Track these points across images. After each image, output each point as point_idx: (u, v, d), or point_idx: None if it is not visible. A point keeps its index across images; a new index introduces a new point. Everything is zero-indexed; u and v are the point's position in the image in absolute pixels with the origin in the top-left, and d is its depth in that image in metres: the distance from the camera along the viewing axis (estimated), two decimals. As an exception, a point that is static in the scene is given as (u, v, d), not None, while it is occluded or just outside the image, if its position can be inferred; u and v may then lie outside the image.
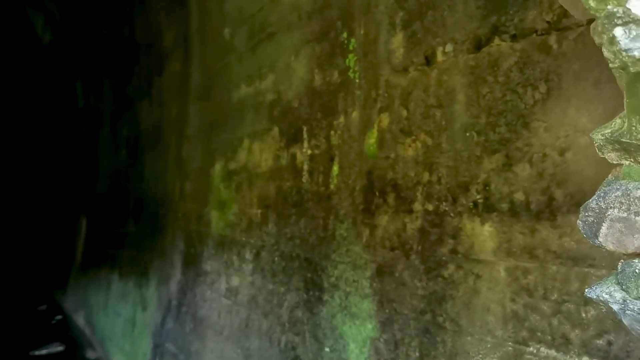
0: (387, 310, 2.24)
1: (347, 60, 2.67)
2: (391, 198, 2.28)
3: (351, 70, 2.63)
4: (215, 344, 3.76)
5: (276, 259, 3.14)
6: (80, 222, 10.35)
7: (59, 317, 9.72)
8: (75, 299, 9.46)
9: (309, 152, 2.93)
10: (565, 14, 1.60)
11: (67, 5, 9.83)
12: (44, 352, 7.34)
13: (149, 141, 6.51)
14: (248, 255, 3.50)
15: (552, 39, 1.66)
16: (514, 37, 1.79)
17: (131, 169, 7.26)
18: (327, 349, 2.58)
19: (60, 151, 14.79)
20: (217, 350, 3.71)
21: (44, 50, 12.61)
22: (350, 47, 2.66)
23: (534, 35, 1.71)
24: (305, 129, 2.99)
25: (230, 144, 3.96)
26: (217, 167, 4.17)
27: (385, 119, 2.36)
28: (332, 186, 2.71)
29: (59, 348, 7.55)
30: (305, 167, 2.95)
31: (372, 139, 2.44)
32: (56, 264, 12.61)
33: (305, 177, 2.95)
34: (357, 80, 2.58)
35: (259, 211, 3.42)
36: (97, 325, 7.55)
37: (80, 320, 8.68)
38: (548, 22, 1.67)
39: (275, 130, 3.30)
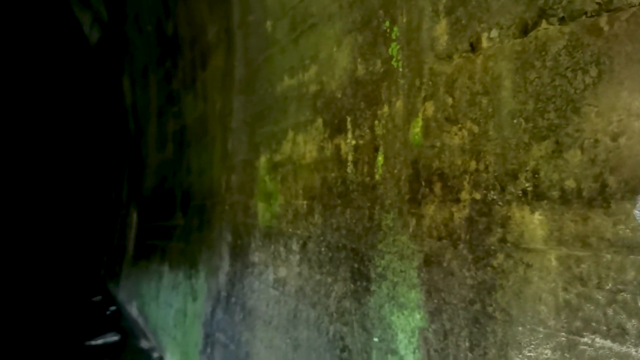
0: (435, 300, 2.23)
1: (390, 49, 2.65)
2: (438, 187, 2.26)
3: (394, 59, 2.61)
4: (264, 334, 3.82)
5: (323, 249, 3.16)
6: (131, 215, 10.63)
7: (113, 307, 10.05)
8: (128, 290, 9.74)
9: (353, 142, 2.92)
10: (616, -6, 1.54)
11: (113, 3, 10.07)
12: (99, 341, 7.60)
13: (194, 135, 6.62)
14: (295, 247, 3.53)
15: (603, 21, 1.61)
16: (562, 20, 1.74)
17: (177, 163, 7.40)
18: (375, 339, 2.59)
19: (110, 147, 15.21)
20: (266, 340, 3.77)
21: (91, 48, 12.97)
22: (393, 36, 2.63)
23: (584, 17, 1.66)
24: (349, 119, 2.99)
25: (275, 136, 3.99)
26: (262, 159, 4.21)
27: (430, 108, 2.34)
28: (377, 176, 2.70)
29: (114, 338, 7.80)
30: (350, 157, 2.95)
31: (417, 128, 2.42)
32: (109, 256, 13.01)
33: (350, 168, 2.95)
34: (401, 69, 2.56)
35: (305, 202, 3.44)
36: (150, 315, 7.76)
37: (133, 310, 8.94)
38: (598, 3, 1.62)
39: (319, 121, 3.31)
